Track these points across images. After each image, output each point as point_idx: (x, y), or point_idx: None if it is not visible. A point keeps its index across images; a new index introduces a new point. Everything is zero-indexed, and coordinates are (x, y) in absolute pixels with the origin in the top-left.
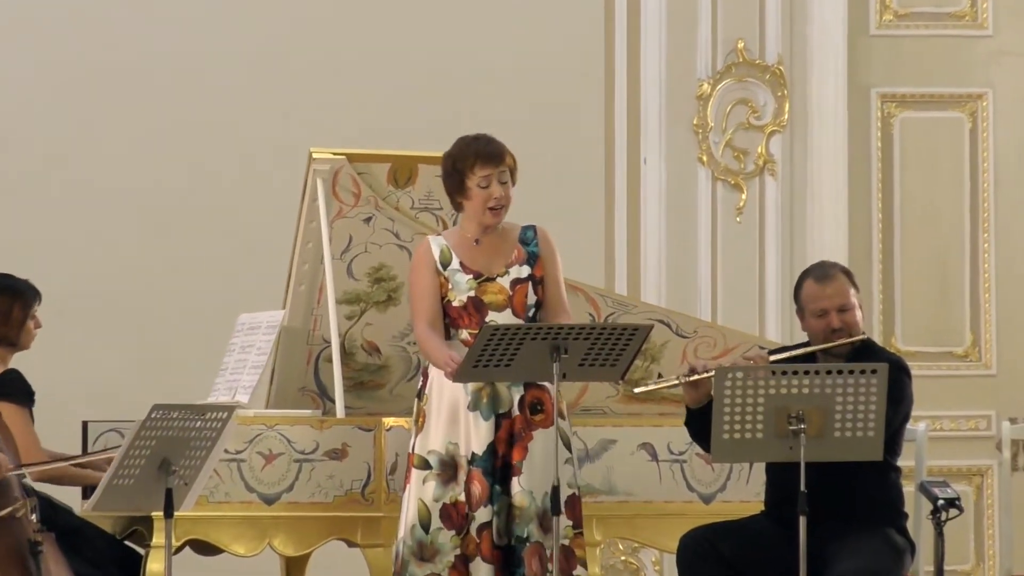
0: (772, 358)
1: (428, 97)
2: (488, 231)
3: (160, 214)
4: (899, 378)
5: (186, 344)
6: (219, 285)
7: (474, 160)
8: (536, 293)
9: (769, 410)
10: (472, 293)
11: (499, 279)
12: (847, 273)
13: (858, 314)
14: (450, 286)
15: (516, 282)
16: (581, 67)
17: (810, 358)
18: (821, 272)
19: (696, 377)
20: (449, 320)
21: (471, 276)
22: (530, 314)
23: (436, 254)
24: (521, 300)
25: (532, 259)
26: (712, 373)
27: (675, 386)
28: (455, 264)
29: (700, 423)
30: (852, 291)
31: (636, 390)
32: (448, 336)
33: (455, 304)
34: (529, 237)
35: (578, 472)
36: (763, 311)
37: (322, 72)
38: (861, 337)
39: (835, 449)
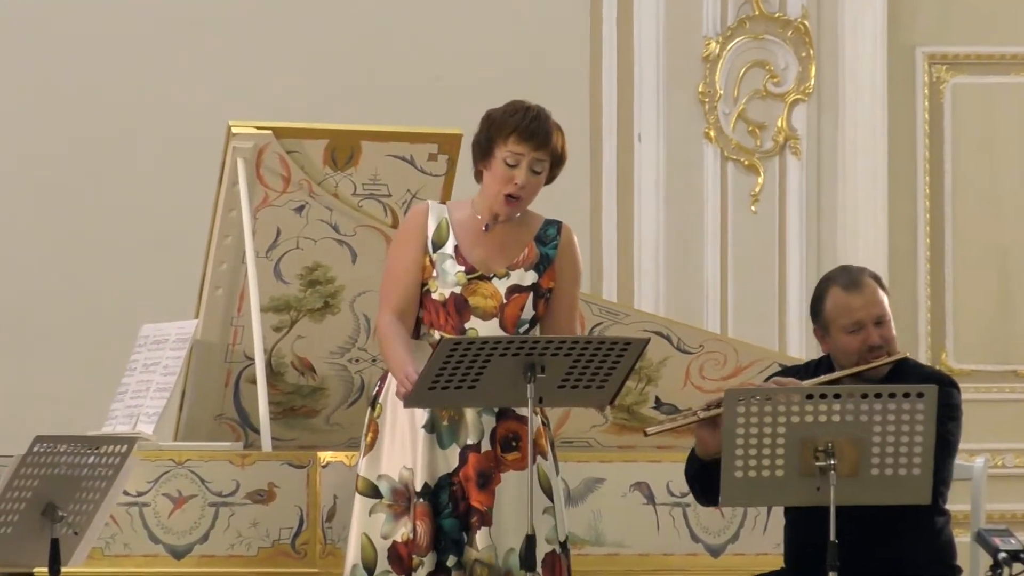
0: (809, 383)
1: (372, 58)
2: (502, 218)
3: (37, 197)
4: (948, 398)
5: (75, 362)
6: (116, 288)
7: (512, 130)
8: (536, 307)
9: (792, 442)
10: (458, 289)
11: (495, 280)
12: (877, 279)
13: (893, 328)
14: (435, 273)
15: (514, 289)
16: (560, 22)
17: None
18: (849, 279)
19: (714, 412)
20: (423, 313)
21: (463, 268)
22: (521, 330)
23: (431, 227)
24: (514, 313)
25: (544, 264)
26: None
27: (693, 423)
28: (449, 247)
29: (705, 477)
30: (887, 300)
31: (649, 431)
32: (417, 335)
33: (434, 297)
34: (549, 235)
35: (564, 524)
36: (783, 321)
37: (247, 26)
38: (902, 355)
39: (872, 491)
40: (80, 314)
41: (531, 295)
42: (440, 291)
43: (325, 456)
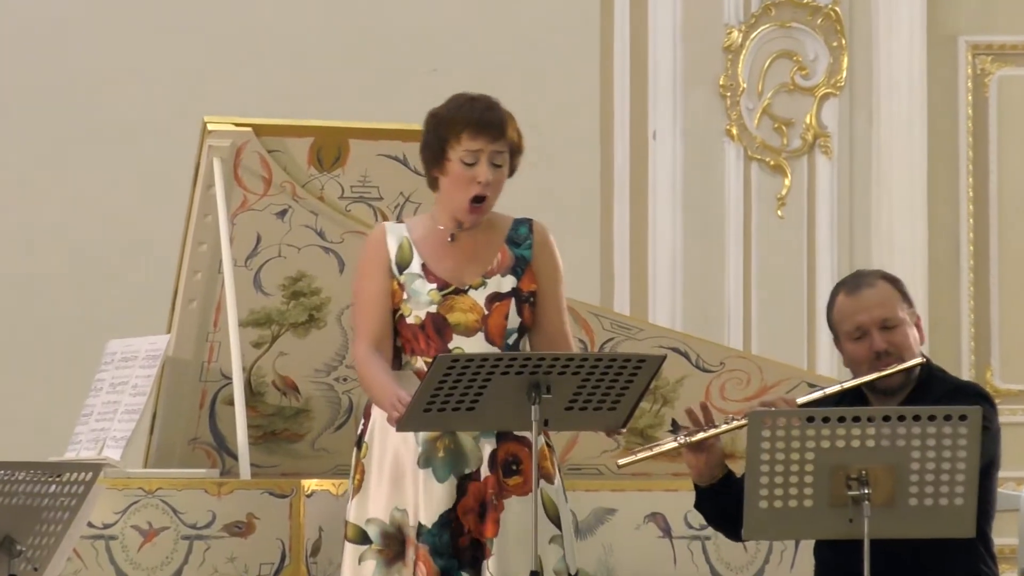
0: (800, 400)
1: (361, 48)
2: (467, 225)
3: None
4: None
5: (34, 381)
6: (80, 300)
7: (463, 126)
8: (522, 314)
9: (821, 469)
10: (433, 308)
11: (472, 292)
12: (892, 280)
13: (911, 333)
14: (405, 296)
15: (494, 298)
16: (567, 8)
17: (856, 396)
18: (854, 282)
19: (701, 436)
20: (401, 341)
21: (435, 286)
22: (510, 342)
23: (392, 249)
24: (499, 323)
25: (521, 266)
26: (723, 429)
27: (672, 451)
28: (416, 266)
29: (715, 505)
30: (900, 303)
31: (620, 462)
32: (398, 365)
33: (409, 321)
34: (521, 235)
35: (574, 556)
36: (813, 336)
37: (225, 13)
38: (917, 361)
39: (911, 522)
40: (41, 328)
41: (513, 301)
42: (415, 314)
43: (309, 484)
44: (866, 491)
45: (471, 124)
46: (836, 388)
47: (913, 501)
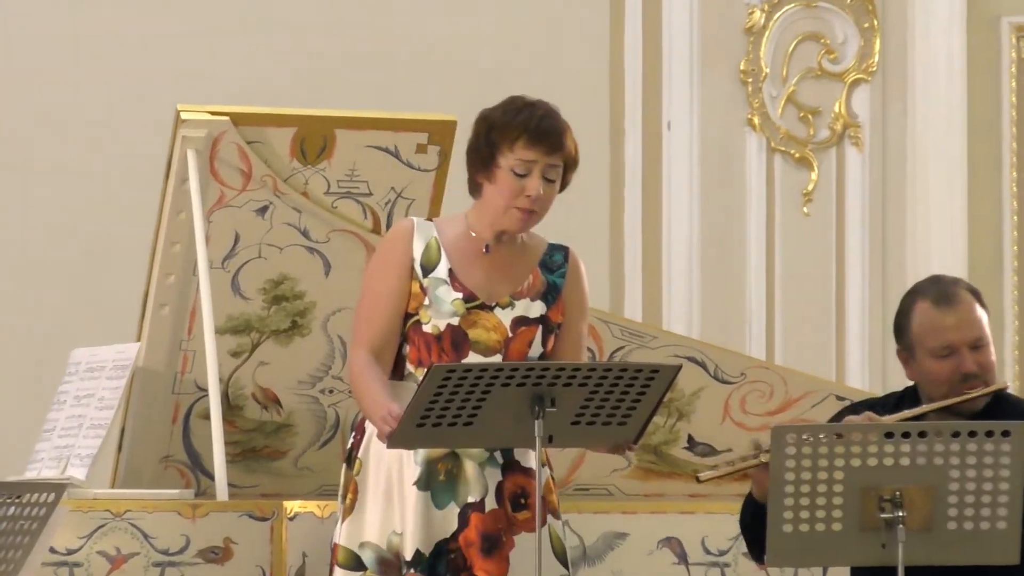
0: (888, 419)
1: (348, 30)
2: (506, 238)
3: None
4: None
5: None
6: (42, 306)
7: (519, 133)
8: (545, 344)
9: (851, 490)
10: (455, 320)
11: (498, 310)
12: (976, 293)
13: (993, 352)
14: (427, 301)
15: (521, 322)
16: None
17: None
18: (941, 292)
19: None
20: (409, 349)
21: (461, 296)
22: None
23: (418, 249)
24: (522, 349)
25: (552, 294)
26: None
27: (751, 467)
28: (442, 271)
29: (764, 525)
30: (986, 319)
31: (701, 477)
32: (400, 375)
33: (426, 329)
34: (556, 262)
35: None
36: (842, 345)
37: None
38: (1001, 385)
39: (949, 548)
40: (2, 336)
41: (540, 329)
42: (434, 323)
43: (292, 506)
44: (900, 514)
45: (528, 132)
46: (922, 410)
47: (952, 525)
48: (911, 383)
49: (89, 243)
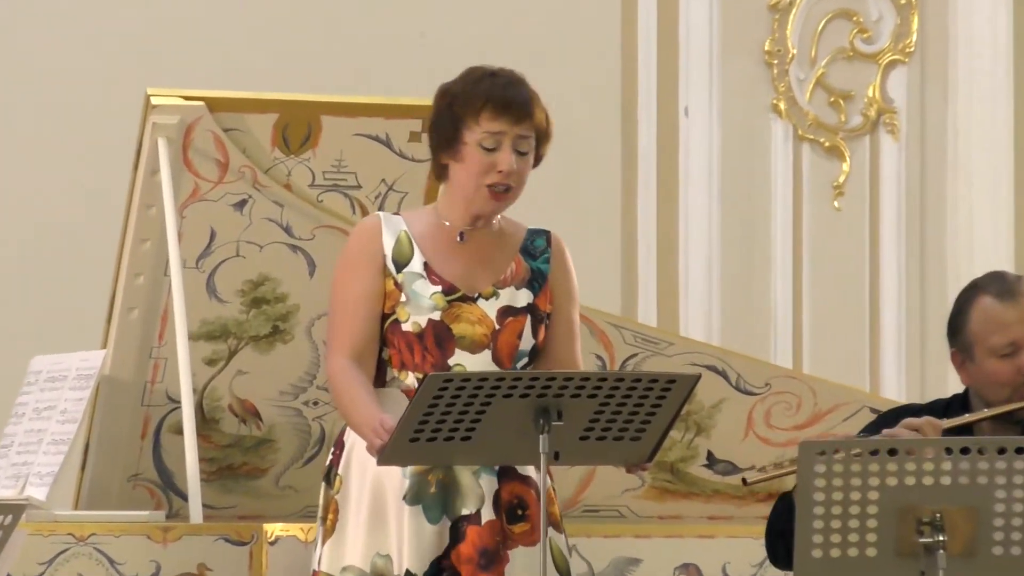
0: (946, 424)
1: (335, 8)
2: (480, 223)
3: None
4: None
5: None
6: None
7: (483, 103)
8: (536, 335)
9: (887, 512)
10: (437, 315)
11: (481, 302)
12: None
13: None
14: (403, 297)
15: (507, 312)
16: None
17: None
18: (1005, 286)
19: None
20: (389, 353)
21: (440, 289)
22: (519, 365)
23: (388, 244)
24: (511, 341)
25: (538, 281)
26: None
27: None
28: (417, 264)
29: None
30: None
31: (747, 478)
32: (381, 382)
33: (406, 328)
34: (538, 247)
35: None
36: (876, 351)
37: None
38: None
39: (994, 575)
40: None
41: (529, 319)
42: (414, 319)
43: (273, 529)
44: (941, 538)
45: (493, 101)
46: (977, 416)
47: (997, 550)
48: (956, 392)
49: (50, 240)
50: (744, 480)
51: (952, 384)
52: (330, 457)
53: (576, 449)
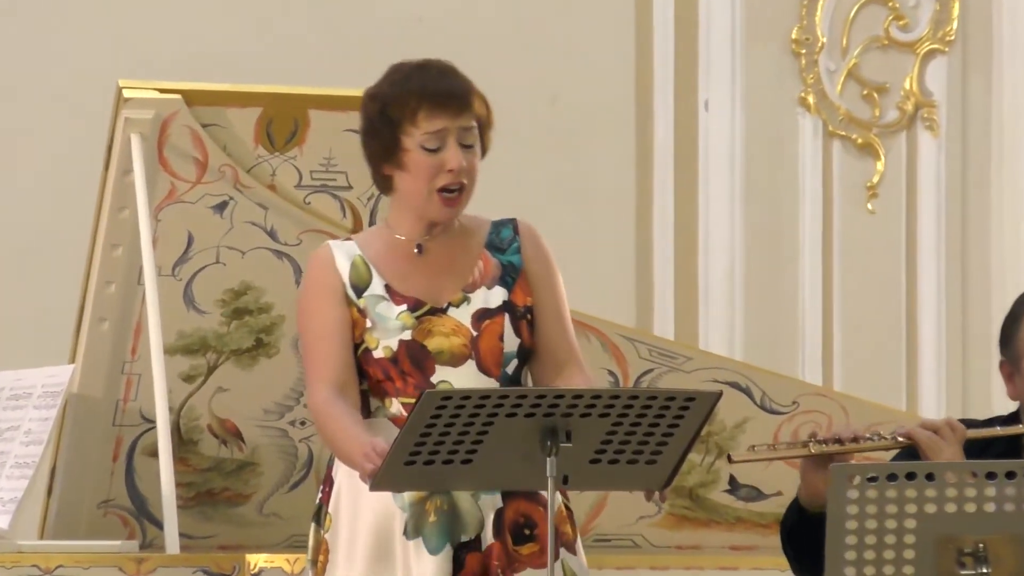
0: (970, 433)
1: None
2: (438, 230)
3: None
4: None
5: None
6: None
7: (418, 102)
8: (520, 334)
9: (925, 541)
10: (407, 335)
11: (452, 311)
12: None
13: None
14: (369, 323)
15: (483, 315)
16: None
17: (1011, 446)
18: None
19: (839, 448)
20: (368, 383)
21: (405, 307)
22: (509, 370)
23: (344, 271)
24: (493, 346)
25: (511, 274)
26: (869, 445)
27: (796, 456)
28: (377, 287)
29: (813, 540)
30: None
31: (733, 456)
32: (366, 413)
33: (378, 355)
34: (505, 239)
35: None
36: (914, 367)
37: None
38: None
39: None
40: None
41: (507, 318)
42: (384, 344)
43: (257, 560)
44: (985, 570)
45: (428, 98)
46: (1006, 430)
47: None
48: (1002, 411)
49: (13, 245)
50: (729, 457)
51: (997, 402)
52: (319, 495)
53: (587, 473)
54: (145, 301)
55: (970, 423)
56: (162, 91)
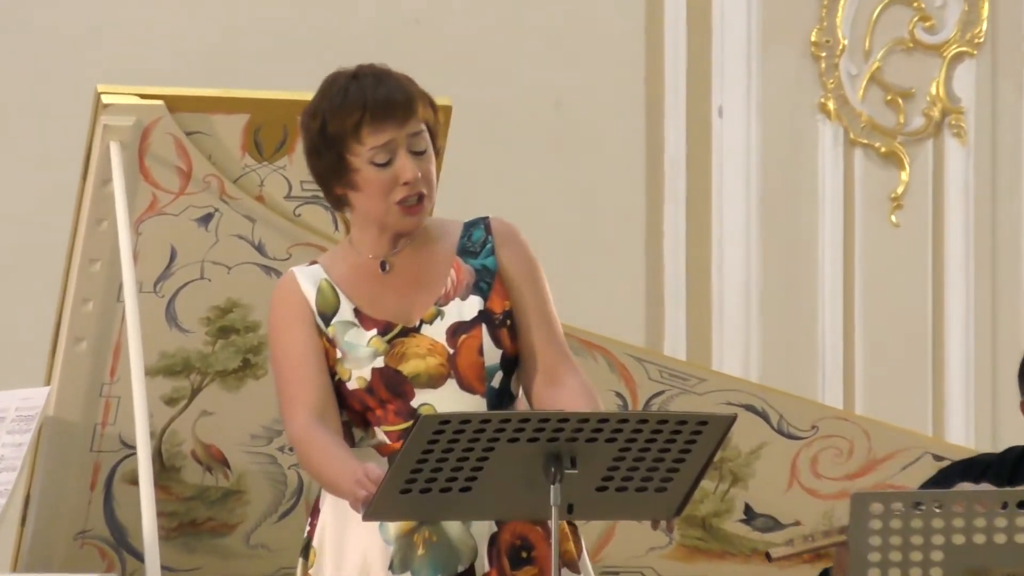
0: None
1: None
2: (404, 242)
3: None
4: None
5: None
6: None
7: (359, 115)
8: (501, 343)
9: (953, 573)
10: (380, 362)
11: (426, 328)
12: None
13: None
14: (339, 354)
15: (458, 329)
16: None
17: None
18: None
19: None
20: (348, 415)
21: (376, 332)
22: (495, 384)
23: (311, 296)
24: (472, 361)
25: (485, 279)
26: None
27: (838, 545)
28: (346, 311)
29: None
30: None
31: (772, 554)
32: (350, 442)
33: (352, 386)
34: (477, 240)
35: None
36: (940, 388)
37: None
38: None
39: None
40: None
41: (484, 328)
42: (357, 375)
43: None
44: None
45: (369, 110)
46: None
47: None
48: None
49: None
50: (768, 555)
51: None
52: (307, 528)
53: (593, 501)
54: (125, 319)
55: (986, 460)
56: (143, 96)
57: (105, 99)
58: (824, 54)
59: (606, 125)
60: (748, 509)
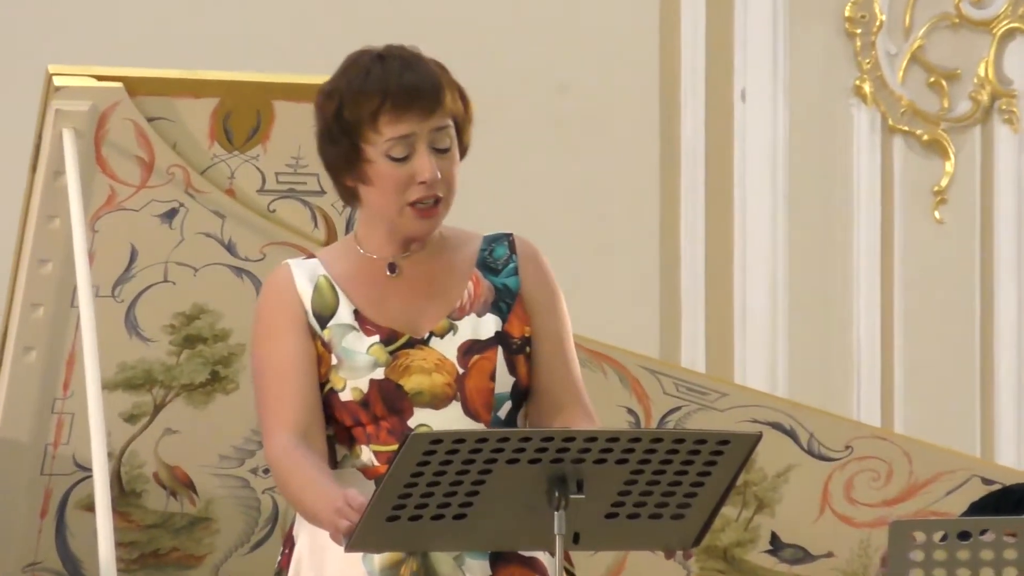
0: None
1: None
2: (415, 247)
3: None
4: None
5: None
6: None
7: (379, 103)
8: (516, 371)
9: None
10: (379, 373)
11: (435, 342)
12: None
13: None
14: (334, 360)
15: (472, 348)
16: None
17: None
18: None
19: None
20: (334, 429)
21: (378, 339)
22: (501, 414)
23: (306, 295)
24: (482, 386)
25: (506, 300)
26: None
27: None
28: (345, 314)
29: None
30: None
31: None
32: (332, 461)
33: (345, 397)
34: (500, 258)
35: None
36: (990, 405)
37: None
38: None
39: None
40: None
41: (500, 352)
42: (352, 385)
43: None
44: None
45: (391, 97)
46: None
47: None
48: None
49: None
50: None
51: None
52: (279, 558)
53: (602, 530)
54: (79, 327)
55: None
56: (100, 78)
57: (57, 81)
58: (859, 31)
59: (616, 111)
60: (775, 538)
